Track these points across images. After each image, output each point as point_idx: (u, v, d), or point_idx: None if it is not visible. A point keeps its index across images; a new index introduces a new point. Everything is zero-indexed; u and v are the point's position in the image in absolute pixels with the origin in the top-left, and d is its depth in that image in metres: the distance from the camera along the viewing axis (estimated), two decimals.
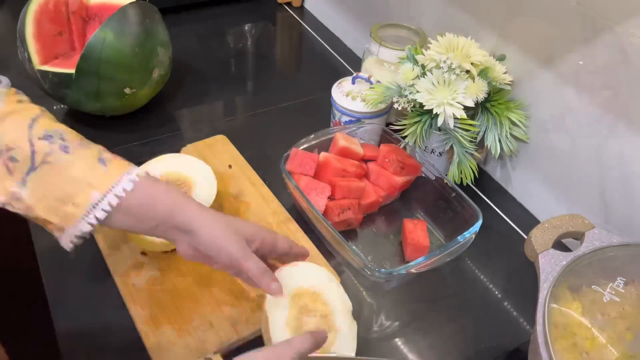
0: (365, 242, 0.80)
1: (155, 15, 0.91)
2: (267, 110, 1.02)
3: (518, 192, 0.90)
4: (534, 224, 0.71)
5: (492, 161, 0.93)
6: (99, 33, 0.82)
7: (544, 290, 0.59)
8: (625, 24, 0.65)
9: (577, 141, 0.77)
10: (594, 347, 0.57)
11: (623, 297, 0.59)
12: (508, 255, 0.81)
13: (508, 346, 0.69)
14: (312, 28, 1.29)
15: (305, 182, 0.77)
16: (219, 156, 0.88)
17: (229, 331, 0.65)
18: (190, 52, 1.16)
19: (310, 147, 0.82)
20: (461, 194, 0.77)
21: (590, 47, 0.70)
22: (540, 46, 0.78)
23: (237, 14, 1.31)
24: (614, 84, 0.69)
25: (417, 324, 0.71)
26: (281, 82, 1.12)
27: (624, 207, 0.73)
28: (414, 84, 0.80)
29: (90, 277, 0.71)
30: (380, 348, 0.68)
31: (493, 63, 0.81)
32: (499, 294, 0.75)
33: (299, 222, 0.79)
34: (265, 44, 1.24)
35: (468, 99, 0.77)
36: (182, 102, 1.02)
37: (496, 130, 0.82)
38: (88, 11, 0.96)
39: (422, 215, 0.84)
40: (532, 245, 0.64)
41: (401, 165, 0.81)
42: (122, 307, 0.68)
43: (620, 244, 0.63)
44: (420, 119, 0.81)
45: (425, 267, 0.69)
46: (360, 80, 0.89)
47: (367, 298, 0.73)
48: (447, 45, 0.79)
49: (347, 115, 0.89)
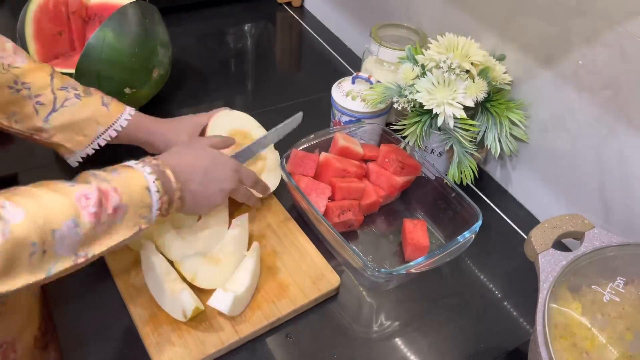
0: (365, 242, 0.80)
1: (155, 15, 0.91)
2: (267, 110, 1.02)
3: (518, 192, 0.90)
4: (534, 224, 0.71)
5: (492, 161, 0.93)
6: (98, 33, 0.82)
7: (544, 290, 0.59)
8: (625, 24, 0.65)
9: (577, 141, 0.77)
10: (593, 347, 0.57)
11: (623, 297, 0.59)
12: (508, 255, 0.81)
13: (508, 346, 0.69)
14: (312, 28, 1.29)
15: (306, 183, 0.77)
16: None
17: (229, 331, 0.65)
18: (190, 52, 1.16)
19: (310, 147, 0.82)
20: (461, 194, 0.77)
21: (590, 47, 0.70)
22: (540, 46, 0.78)
23: (237, 14, 1.32)
24: (614, 84, 0.69)
25: (417, 324, 0.71)
26: (281, 82, 1.12)
27: (624, 207, 0.73)
28: (413, 84, 0.80)
29: (90, 277, 0.71)
30: (380, 348, 0.68)
31: (493, 63, 0.81)
32: (499, 294, 0.75)
33: (299, 222, 0.79)
34: (265, 44, 1.24)
35: (468, 99, 0.77)
36: (182, 102, 1.02)
37: (496, 130, 0.82)
38: (88, 11, 0.96)
39: (422, 215, 0.84)
40: (532, 245, 0.64)
41: (401, 165, 0.81)
42: (122, 307, 0.68)
43: (620, 244, 0.63)
44: (420, 119, 0.81)
45: (425, 267, 0.69)
46: (360, 80, 0.89)
47: (367, 298, 0.73)
48: (447, 45, 0.79)
49: (347, 115, 0.89)
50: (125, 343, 0.65)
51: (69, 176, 0.55)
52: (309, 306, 0.70)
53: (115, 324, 0.67)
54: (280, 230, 0.78)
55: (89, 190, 0.53)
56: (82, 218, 0.52)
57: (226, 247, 0.72)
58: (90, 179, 0.56)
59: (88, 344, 0.65)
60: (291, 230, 0.78)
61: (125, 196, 0.56)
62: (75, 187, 0.53)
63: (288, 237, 0.77)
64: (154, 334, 0.64)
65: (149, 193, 0.58)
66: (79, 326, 0.66)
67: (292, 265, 0.73)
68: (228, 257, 0.71)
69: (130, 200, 0.56)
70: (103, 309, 0.68)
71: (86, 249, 0.53)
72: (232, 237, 0.73)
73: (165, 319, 0.66)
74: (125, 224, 0.56)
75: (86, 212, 0.52)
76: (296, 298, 0.69)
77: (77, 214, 0.52)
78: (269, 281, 0.71)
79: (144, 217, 0.58)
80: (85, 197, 0.53)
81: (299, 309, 0.69)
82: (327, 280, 0.72)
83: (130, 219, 0.57)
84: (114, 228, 0.55)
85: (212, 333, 0.65)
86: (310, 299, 0.70)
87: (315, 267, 0.73)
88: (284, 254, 0.75)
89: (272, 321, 0.67)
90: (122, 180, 0.57)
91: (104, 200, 0.54)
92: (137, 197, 0.57)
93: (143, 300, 0.67)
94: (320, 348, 0.67)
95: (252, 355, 0.66)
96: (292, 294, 0.70)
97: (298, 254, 0.75)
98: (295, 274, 0.72)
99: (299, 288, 0.70)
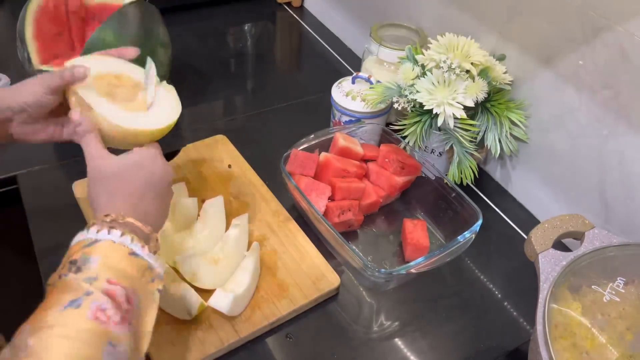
0: (365, 242, 0.80)
1: (155, 15, 0.90)
2: (267, 110, 1.02)
3: (518, 192, 0.90)
4: (534, 224, 0.71)
5: (492, 161, 0.93)
6: (98, 33, 0.82)
7: (544, 290, 0.59)
8: (625, 24, 0.65)
9: (577, 141, 0.77)
10: (594, 347, 0.57)
11: (623, 297, 0.59)
12: (508, 255, 0.81)
13: (508, 346, 0.69)
14: (312, 28, 1.29)
15: (306, 183, 0.77)
16: (219, 156, 0.88)
17: (229, 331, 0.65)
18: (190, 52, 1.16)
19: (310, 147, 0.82)
20: (461, 194, 0.77)
21: (590, 47, 0.70)
22: (540, 46, 0.78)
23: (237, 14, 1.31)
24: (614, 84, 0.69)
25: (417, 324, 0.71)
26: (281, 82, 1.12)
27: (624, 207, 0.73)
28: (414, 83, 0.80)
29: None
30: (380, 348, 0.68)
31: (493, 63, 0.81)
32: (499, 294, 0.75)
33: (298, 222, 0.79)
34: (265, 44, 1.24)
35: (468, 99, 0.77)
36: (182, 102, 1.02)
37: (496, 130, 0.82)
38: (87, 11, 0.96)
39: (422, 215, 0.84)
40: (532, 245, 0.64)
41: (401, 165, 0.81)
42: None
43: (620, 244, 0.63)
44: (420, 119, 0.81)
45: (425, 267, 0.69)
46: (360, 80, 0.89)
47: (367, 298, 0.73)
48: (447, 45, 0.79)
49: (347, 115, 0.89)
50: None
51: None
52: (309, 306, 0.70)
53: None
54: (280, 230, 0.78)
55: (98, 301, 0.46)
56: (114, 333, 0.45)
57: (226, 247, 0.72)
58: (80, 285, 0.47)
59: None
60: (291, 230, 0.78)
61: (123, 280, 0.49)
62: (80, 307, 0.45)
63: (288, 237, 0.77)
64: (154, 334, 0.64)
65: (136, 257, 0.51)
66: None
67: (292, 265, 0.73)
68: (228, 257, 0.71)
69: (130, 280, 0.49)
70: None
71: (137, 354, 0.48)
72: (231, 237, 0.73)
73: (165, 319, 0.66)
74: (144, 302, 0.51)
75: (112, 325, 0.46)
76: (296, 298, 0.69)
77: (105, 334, 0.45)
78: (269, 281, 0.71)
79: (152, 279, 0.52)
80: (100, 310, 0.46)
81: (299, 309, 0.69)
82: (327, 280, 0.72)
83: (145, 294, 0.51)
84: (140, 314, 0.50)
85: (212, 333, 0.65)
86: (310, 299, 0.70)
87: (315, 267, 0.73)
88: (284, 254, 0.75)
89: (272, 321, 0.67)
90: (105, 265, 0.49)
91: (116, 299, 0.47)
92: (132, 270, 0.50)
93: None
94: (320, 348, 0.67)
95: (252, 355, 0.66)
96: (292, 294, 0.70)
97: (298, 254, 0.75)
98: (295, 274, 0.72)
99: (299, 288, 0.70)
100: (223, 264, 0.70)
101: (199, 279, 0.68)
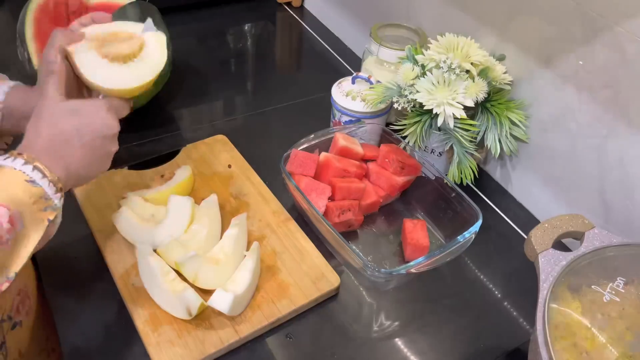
0: (365, 242, 0.80)
1: (155, 15, 0.90)
2: (267, 110, 1.02)
3: (518, 192, 0.90)
4: (534, 224, 0.71)
5: (492, 161, 0.93)
6: None
7: (544, 290, 0.59)
8: (625, 24, 0.65)
9: (577, 141, 0.77)
10: (593, 347, 0.57)
11: (623, 297, 0.59)
12: (508, 255, 0.81)
13: (508, 346, 0.69)
14: (312, 28, 1.29)
15: (306, 183, 0.77)
16: (219, 156, 0.88)
17: (229, 331, 0.65)
18: (190, 52, 1.16)
19: (310, 147, 0.82)
20: (461, 194, 0.77)
21: (590, 47, 0.70)
22: (540, 46, 0.78)
23: (237, 14, 1.32)
24: (614, 84, 0.69)
25: (417, 324, 0.71)
26: (281, 82, 1.12)
27: (624, 207, 0.73)
28: (413, 84, 0.80)
29: (90, 277, 0.71)
30: (380, 348, 0.68)
31: (493, 63, 0.81)
32: (499, 294, 0.75)
33: (299, 222, 0.79)
34: (265, 44, 1.24)
35: (468, 99, 0.77)
36: (181, 102, 1.02)
37: (496, 130, 0.82)
38: (87, 11, 0.96)
39: (422, 215, 0.84)
40: (532, 245, 0.64)
41: (401, 165, 0.81)
42: (122, 307, 0.68)
43: (620, 244, 0.63)
44: (420, 119, 0.81)
45: (425, 267, 0.69)
46: (360, 80, 0.89)
47: (367, 298, 0.73)
48: (447, 45, 0.80)
49: (347, 115, 0.89)
50: (125, 343, 0.65)
51: None
52: (309, 306, 0.70)
53: (115, 324, 0.67)
54: (280, 230, 0.78)
55: None
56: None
57: (226, 247, 0.72)
58: None
59: (88, 344, 0.65)
60: (291, 230, 0.78)
61: (10, 203, 0.50)
62: None
63: (288, 237, 0.77)
64: (154, 334, 0.64)
65: (34, 184, 0.52)
66: (79, 326, 0.66)
67: (292, 265, 0.73)
68: (228, 257, 0.71)
69: (18, 204, 0.50)
70: (103, 309, 0.68)
71: (5, 272, 0.49)
72: (231, 237, 0.73)
73: (165, 318, 0.66)
74: (30, 226, 0.51)
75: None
76: (296, 298, 0.69)
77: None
78: (269, 281, 0.71)
79: (45, 208, 0.53)
80: None
81: (299, 309, 0.69)
82: (327, 280, 0.72)
83: (32, 220, 0.51)
84: (22, 238, 0.51)
85: (212, 333, 0.65)
86: (310, 299, 0.70)
87: (315, 267, 0.73)
88: (284, 254, 0.75)
89: (272, 321, 0.67)
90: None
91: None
92: (24, 196, 0.51)
93: (143, 300, 0.67)
94: (320, 348, 0.67)
95: (252, 355, 0.66)
96: (292, 294, 0.70)
97: (298, 254, 0.75)
98: (295, 274, 0.72)
99: (299, 288, 0.70)
100: (223, 264, 0.70)
101: (199, 279, 0.68)
